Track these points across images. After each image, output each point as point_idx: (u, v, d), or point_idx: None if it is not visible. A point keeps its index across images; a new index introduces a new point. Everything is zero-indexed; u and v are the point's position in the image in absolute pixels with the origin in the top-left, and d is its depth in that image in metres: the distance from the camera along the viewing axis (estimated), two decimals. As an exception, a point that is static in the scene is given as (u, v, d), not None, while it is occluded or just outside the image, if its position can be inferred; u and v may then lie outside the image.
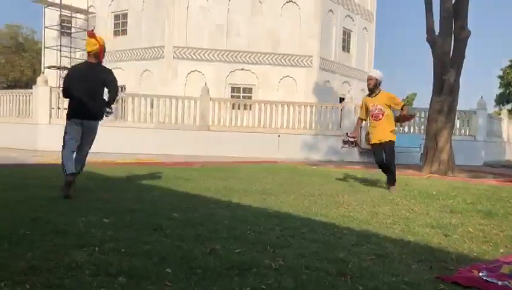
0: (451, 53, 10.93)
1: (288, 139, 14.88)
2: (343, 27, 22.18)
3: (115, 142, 13.33)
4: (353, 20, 22.86)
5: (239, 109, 15.86)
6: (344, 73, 22.31)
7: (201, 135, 14.96)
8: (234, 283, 2.36)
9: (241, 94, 19.81)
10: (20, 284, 2.23)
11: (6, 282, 2.24)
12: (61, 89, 5.30)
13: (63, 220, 3.68)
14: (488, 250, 3.34)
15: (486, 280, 2.56)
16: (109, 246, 2.95)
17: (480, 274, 2.64)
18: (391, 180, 6.69)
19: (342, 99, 20.30)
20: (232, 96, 19.31)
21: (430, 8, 11.09)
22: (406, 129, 16.50)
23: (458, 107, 11.89)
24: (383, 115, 6.50)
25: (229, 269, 2.59)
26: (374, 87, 6.63)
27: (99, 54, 5.23)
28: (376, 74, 6.72)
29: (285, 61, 19.85)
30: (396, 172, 6.81)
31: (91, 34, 5.19)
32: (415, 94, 36.52)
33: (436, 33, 10.99)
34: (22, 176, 6.83)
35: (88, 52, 5.29)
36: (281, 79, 19.81)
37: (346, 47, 22.66)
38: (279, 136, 15.06)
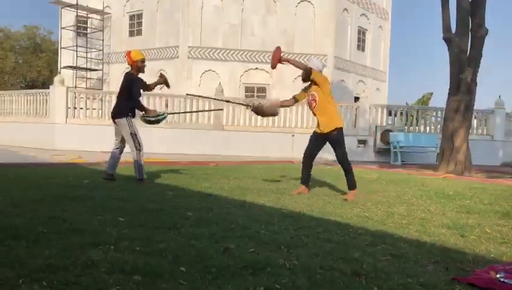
0: (468, 52, 10.80)
1: (302, 138, 14.75)
2: (358, 26, 22.01)
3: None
4: (368, 19, 22.68)
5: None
6: (359, 72, 22.16)
7: (215, 135, 15.01)
8: (248, 282, 2.37)
9: (255, 93, 19.81)
10: (38, 281, 2.27)
11: (25, 279, 2.28)
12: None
13: (79, 218, 3.73)
14: (506, 251, 3.29)
15: (503, 282, 2.53)
16: (124, 245, 2.97)
17: (498, 276, 2.60)
18: (349, 184, 5.73)
19: (356, 99, 20.18)
20: (246, 96, 19.32)
21: (447, 5, 10.95)
22: (422, 128, 16.35)
23: (475, 107, 11.73)
24: (315, 101, 5.75)
25: (243, 268, 2.59)
26: (304, 80, 5.94)
27: (131, 65, 6.32)
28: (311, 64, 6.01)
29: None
30: (413, 172, 6.69)
31: (126, 54, 6.38)
32: (431, 93, 35.90)
33: (453, 31, 10.85)
34: (39, 175, 6.93)
35: None
36: (295, 78, 19.68)
37: (361, 46, 22.49)
38: (293, 135, 15.02)
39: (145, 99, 15.16)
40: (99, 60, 22.24)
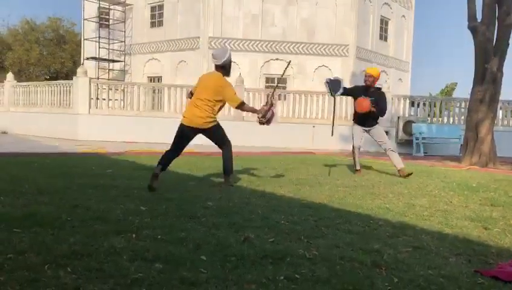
0: (494, 41, 10.53)
1: (323, 129, 14.71)
2: (381, 15, 21.66)
3: (152, 132, 13.58)
4: (391, 8, 22.29)
5: (273, 99, 15.80)
6: (381, 62, 21.84)
7: (235, 126, 14.98)
8: (268, 272, 2.38)
9: (276, 84, 19.75)
10: (63, 267, 2.33)
11: (50, 265, 2.34)
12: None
13: (102, 207, 3.80)
14: (531, 244, 3.22)
15: (528, 275, 2.48)
16: (146, 233, 3.02)
17: (522, 269, 2.55)
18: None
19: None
20: (266, 87, 19.27)
21: (473, -7, 10.68)
22: (446, 120, 16.07)
23: (501, 97, 11.47)
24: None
25: (263, 257, 2.61)
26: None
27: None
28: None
29: (320, 50, 19.62)
30: (436, 163, 6.63)
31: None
32: (455, 84, 35.23)
33: (479, 20, 10.59)
34: (64, 164, 7.07)
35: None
36: (316, 69, 19.60)
37: (383, 36, 22.15)
38: (313, 126, 14.95)
39: (165, 90, 15.26)
40: (121, 52, 22.46)
